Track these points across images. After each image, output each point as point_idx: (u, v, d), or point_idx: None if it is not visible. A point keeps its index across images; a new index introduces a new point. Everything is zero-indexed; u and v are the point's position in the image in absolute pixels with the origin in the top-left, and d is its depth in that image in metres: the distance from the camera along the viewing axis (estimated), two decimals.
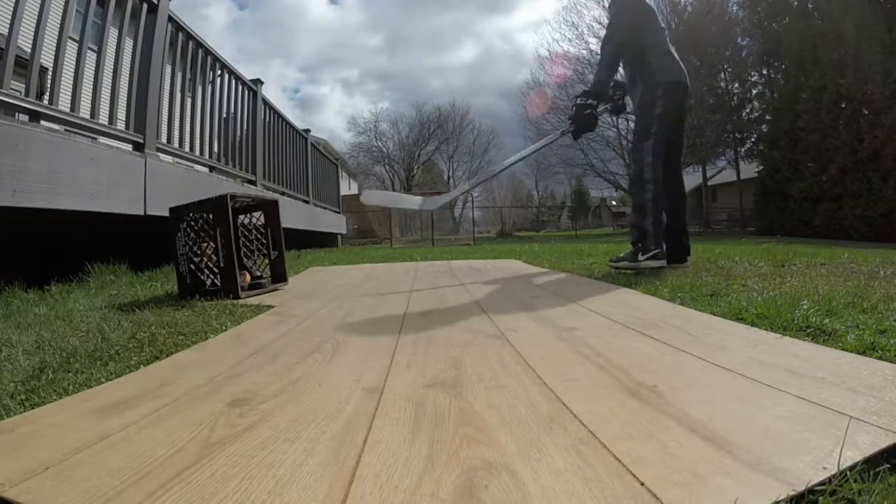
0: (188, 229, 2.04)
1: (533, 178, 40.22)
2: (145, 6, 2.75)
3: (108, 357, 1.09)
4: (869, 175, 10.64)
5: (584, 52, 22.88)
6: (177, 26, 3.13)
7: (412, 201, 2.48)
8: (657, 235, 2.26)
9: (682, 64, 2.41)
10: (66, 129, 2.28)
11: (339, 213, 8.57)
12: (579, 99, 2.42)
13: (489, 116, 64.93)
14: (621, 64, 2.46)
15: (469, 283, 2.32)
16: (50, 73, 2.20)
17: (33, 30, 1.98)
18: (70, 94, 2.28)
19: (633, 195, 2.41)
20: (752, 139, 19.56)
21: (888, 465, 0.51)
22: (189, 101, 3.41)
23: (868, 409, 0.64)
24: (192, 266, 2.02)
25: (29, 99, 2.01)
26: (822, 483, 0.47)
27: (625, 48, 2.37)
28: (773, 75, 17.99)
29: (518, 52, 67.74)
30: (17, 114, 2.09)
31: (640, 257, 2.25)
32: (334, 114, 70.65)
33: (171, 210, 2.10)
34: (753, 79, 19.62)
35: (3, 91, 1.86)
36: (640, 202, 2.31)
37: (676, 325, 1.21)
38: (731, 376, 0.81)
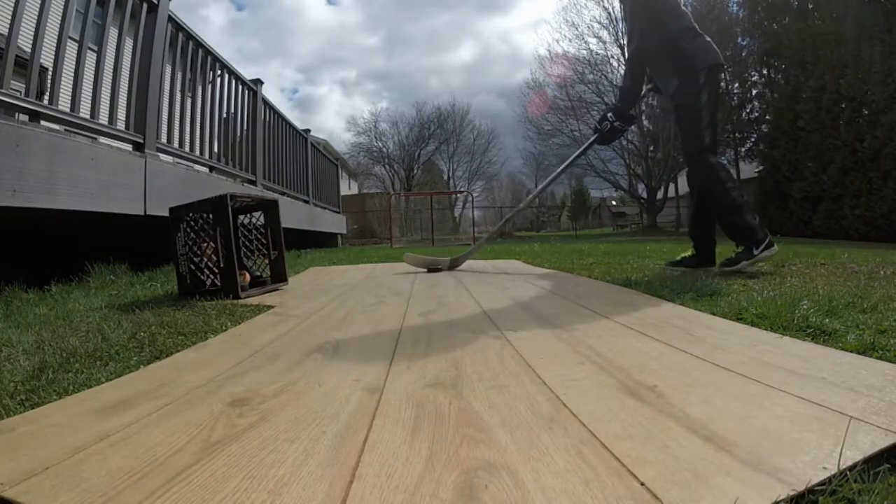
0: (188, 229, 2.04)
1: (533, 178, 40.21)
2: (145, 6, 2.75)
3: (108, 357, 1.09)
4: (869, 175, 10.63)
5: (584, 52, 22.93)
6: (177, 26, 3.13)
7: (442, 262, 2.98)
8: (760, 224, 2.17)
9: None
10: (66, 129, 2.28)
11: (339, 213, 8.57)
12: (609, 115, 2.33)
13: (487, 116, 65.01)
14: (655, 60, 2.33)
15: (469, 283, 2.31)
16: (50, 73, 2.20)
17: (33, 30, 1.99)
18: (70, 94, 2.28)
19: (719, 201, 2.22)
20: (752, 139, 19.55)
21: (888, 465, 0.51)
22: (189, 101, 3.41)
23: (868, 408, 0.64)
24: (192, 266, 2.02)
25: (29, 99, 2.01)
26: (822, 483, 0.47)
27: (648, 52, 2.23)
28: (773, 75, 17.96)
29: (516, 51, 67.73)
30: (17, 114, 2.09)
31: (756, 251, 2.12)
32: (333, 114, 70.67)
33: (171, 210, 2.10)
34: (753, 79, 19.61)
35: (3, 91, 1.86)
36: (731, 203, 2.17)
37: (676, 324, 1.21)
38: (732, 376, 0.81)
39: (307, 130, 6.65)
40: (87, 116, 2.36)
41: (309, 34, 76.36)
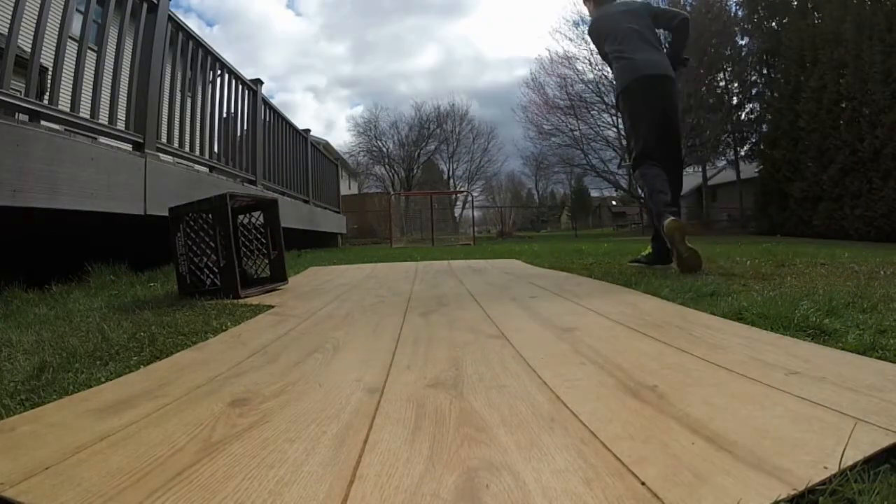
0: (188, 229, 2.03)
1: (533, 178, 40.22)
2: (145, 6, 2.75)
3: (108, 357, 1.09)
4: (869, 175, 10.64)
5: (585, 51, 22.91)
6: (177, 26, 3.13)
7: None
8: (661, 247, 2.52)
9: None
10: (66, 129, 2.28)
11: (339, 213, 8.57)
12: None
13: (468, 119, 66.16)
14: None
15: (469, 283, 2.32)
16: (50, 73, 2.20)
17: (33, 30, 1.98)
18: (70, 93, 2.28)
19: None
20: (753, 139, 19.57)
21: (888, 465, 0.51)
22: (189, 100, 3.41)
23: (868, 408, 0.63)
24: (192, 266, 2.02)
25: (29, 99, 2.00)
26: (823, 483, 0.47)
27: None
28: (773, 75, 17.97)
29: (479, 53, 68.65)
30: (17, 114, 2.09)
31: (652, 265, 2.58)
32: (310, 117, 70.99)
33: (171, 210, 2.09)
34: (753, 78, 19.63)
35: (3, 91, 1.86)
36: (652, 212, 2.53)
37: (677, 324, 1.21)
38: (732, 376, 0.81)
39: (307, 130, 6.66)
40: (87, 116, 2.36)
41: (278, 45, 76.37)
